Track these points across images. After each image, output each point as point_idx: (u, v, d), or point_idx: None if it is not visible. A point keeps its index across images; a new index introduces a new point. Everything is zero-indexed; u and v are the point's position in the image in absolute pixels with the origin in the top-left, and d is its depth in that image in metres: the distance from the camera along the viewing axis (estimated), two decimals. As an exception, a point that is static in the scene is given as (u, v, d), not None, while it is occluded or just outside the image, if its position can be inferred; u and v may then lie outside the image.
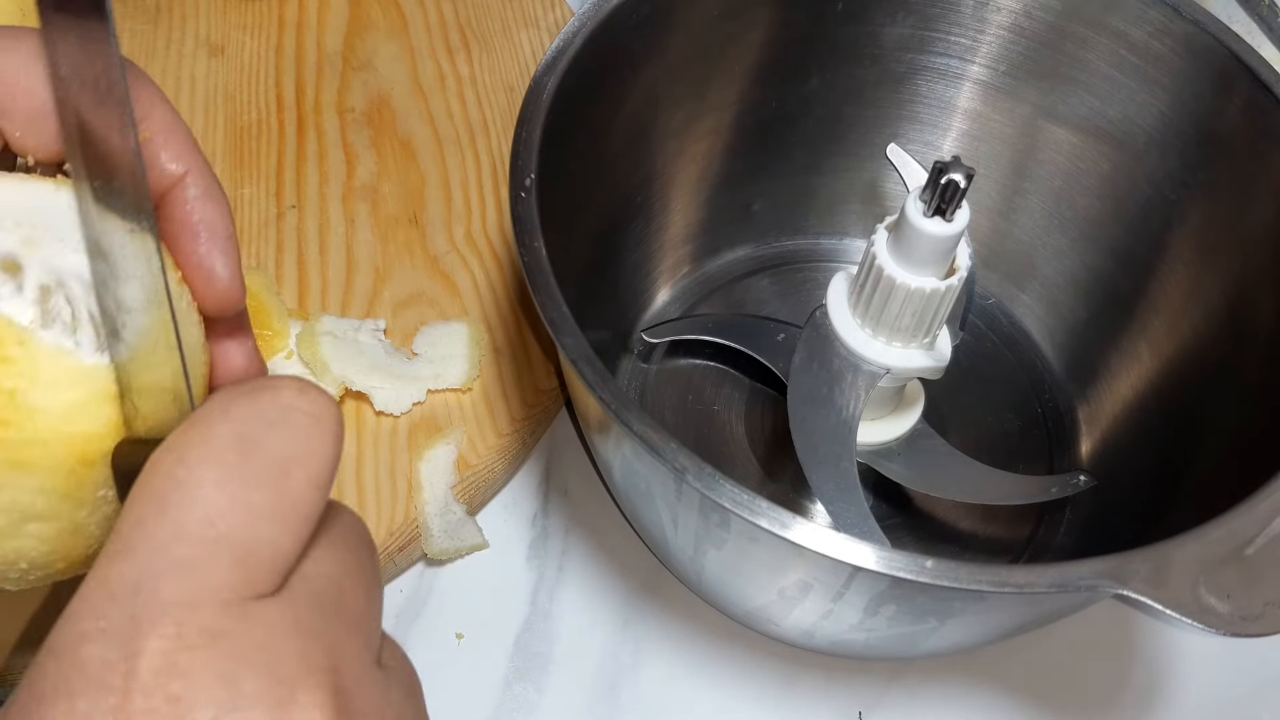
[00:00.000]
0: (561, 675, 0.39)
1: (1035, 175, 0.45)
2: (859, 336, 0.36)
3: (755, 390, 0.45)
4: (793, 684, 0.39)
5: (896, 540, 0.41)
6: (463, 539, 0.40)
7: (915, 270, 0.34)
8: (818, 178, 0.48)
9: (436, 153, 0.50)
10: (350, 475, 0.40)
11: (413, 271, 0.46)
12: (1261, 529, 0.28)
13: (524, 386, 0.43)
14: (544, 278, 0.31)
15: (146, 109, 0.25)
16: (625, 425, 0.28)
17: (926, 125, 0.46)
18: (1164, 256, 0.42)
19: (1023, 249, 0.47)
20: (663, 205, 0.45)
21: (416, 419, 0.42)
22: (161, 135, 0.25)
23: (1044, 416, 0.45)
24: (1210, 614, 0.26)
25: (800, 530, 0.27)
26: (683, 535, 0.33)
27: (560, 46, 0.36)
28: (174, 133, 0.26)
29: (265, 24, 0.54)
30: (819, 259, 0.50)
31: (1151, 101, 0.40)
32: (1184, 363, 0.41)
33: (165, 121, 0.26)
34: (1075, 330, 0.46)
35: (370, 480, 0.40)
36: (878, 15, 0.43)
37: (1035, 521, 0.43)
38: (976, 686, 0.40)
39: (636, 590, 0.41)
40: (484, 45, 0.54)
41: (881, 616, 0.31)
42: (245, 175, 0.48)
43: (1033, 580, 0.27)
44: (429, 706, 0.31)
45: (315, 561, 0.20)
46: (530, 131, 0.34)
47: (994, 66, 0.43)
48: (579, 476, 0.43)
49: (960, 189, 0.32)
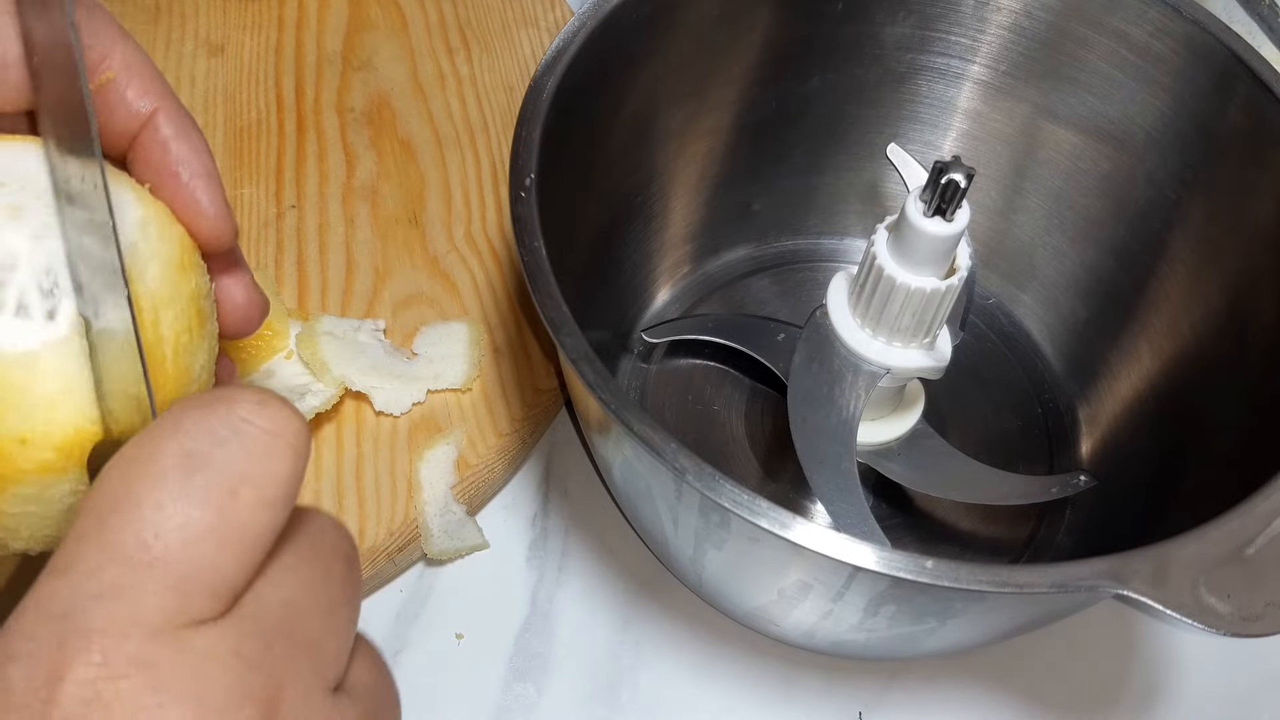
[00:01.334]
0: (561, 675, 0.39)
1: (1035, 175, 0.45)
2: (859, 336, 0.36)
3: (755, 390, 0.45)
4: (793, 684, 0.39)
5: (896, 540, 0.41)
6: (463, 539, 0.40)
7: (915, 270, 0.34)
8: (818, 178, 0.48)
9: (436, 153, 0.50)
10: (350, 475, 0.40)
11: (413, 271, 0.46)
12: (1261, 529, 0.28)
13: (524, 386, 0.43)
14: (544, 278, 0.31)
15: (106, 47, 0.24)
16: (625, 425, 0.28)
17: (926, 125, 0.46)
18: (1164, 256, 0.42)
19: (1023, 249, 0.47)
20: (663, 205, 0.45)
21: (416, 419, 0.42)
22: (125, 73, 0.25)
23: (1044, 416, 0.45)
24: (1210, 614, 0.26)
25: (800, 530, 0.27)
26: (683, 535, 0.33)
27: (560, 46, 0.36)
28: (138, 71, 0.25)
29: (265, 24, 0.54)
30: (819, 259, 0.50)
31: (1151, 101, 0.40)
32: (1184, 363, 0.41)
33: (128, 59, 0.25)
34: (1075, 330, 0.46)
35: (370, 480, 0.40)
36: (878, 15, 0.43)
37: (1035, 521, 0.43)
38: (976, 686, 0.40)
39: (636, 590, 0.41)
40: (484, 45, 0.54)
41: (881, 616, 0.31)
42: (245, 175, 0.48)
43: (1033, 580, 0.27)
44: (428, 707, 0.31)
45: (271, 583, 0.19)
46: (530, 131, 0.34)
47: (994, 66, 0.43)
48: (579, 476, 0.43)
49: (960, 189, 0.32)
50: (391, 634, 0.39)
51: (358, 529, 0.39)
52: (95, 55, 0.25)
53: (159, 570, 0.18)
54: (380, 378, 0.41)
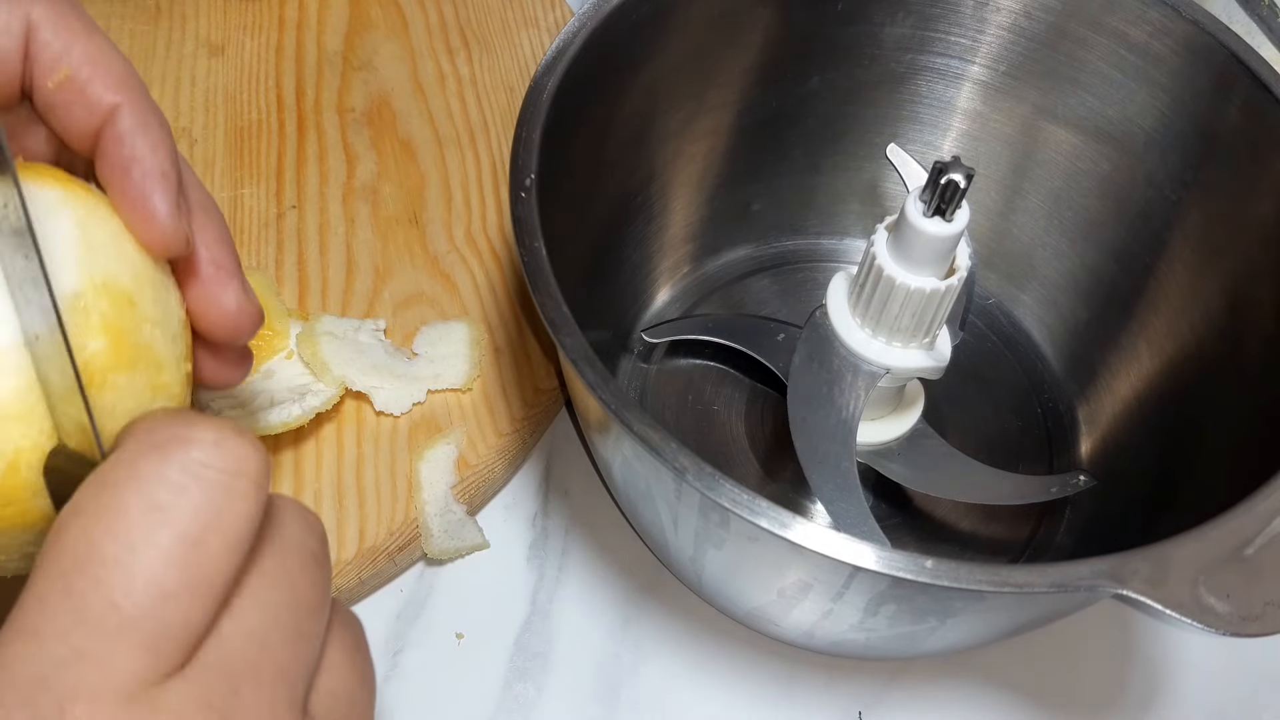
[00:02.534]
0: (561, 675, 0.39)
1: (1035, 175, 0.45)
2: (859, 336, 0.36)
3: (755, 390, 0.45)
4: (793, 684, 0.39)
5: (896, 540, 0.41)
6: (463, 539, 0.40)
7: (915, 270, 0.34)
8: (818, 178, 0.48)
9: (436, 153, 0.50)
10: (350, 475, 0.40)
11: (413, 271, 0.46)
12: (1261, 529, 0.28)
13: (524, 386, 0.43)
14: (544, 278, 0.31)
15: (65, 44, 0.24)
16: (625, 425, 0.28)
17: (926, 125, 0.46)
18: (1164, 256, 0.42)
19: (1023, 249, 0.47)
20: (663, 205, 0.45)
21: (417, 419, 0.42)
22: (87, 68, 0.24)
23: (1044, 416, 0.45)
24: (1210, 614, 0.26)
25: (800, 530, 0.27)
26: (683, 535, 0.33)
27: (560, 46, 0.36)
28: (102, 66, 0.24)
29: (265, 24, 0.54)
30: (819, 259, 0.50)
31: (1151, 101, 0.40)
32: (1184, 363, 0.41)
33: (90, 54, 0.24)
34: (1075, 330, 0.46)
35: (370, 480, 0.40)
36: (878, 15, 0.43)
37: (1035, 521, 0.43)
38: (976, 686, 0.40)
39: (636, 590, 0.41)
40: (484, 45, 0.54)
41: (881, 616, 0.31)
42: (245, 175, 0.48)
43: (1033, 580, 0.27)
44: (428, 707, 0.31)
45: (234, 618, 0.19)
46: (530, 131, 0.34)
47: (994, 66, 0.43)
48: (579, 476, 0.43)
49: (960, 189, 0.32)
50: (391, 634, 0.39)
51: (358, 529, 0.39)
52: (51, 54, 0.24)
53: (130, 632, 0.17)
54: (381, 378, 0.41)
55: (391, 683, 0.38)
